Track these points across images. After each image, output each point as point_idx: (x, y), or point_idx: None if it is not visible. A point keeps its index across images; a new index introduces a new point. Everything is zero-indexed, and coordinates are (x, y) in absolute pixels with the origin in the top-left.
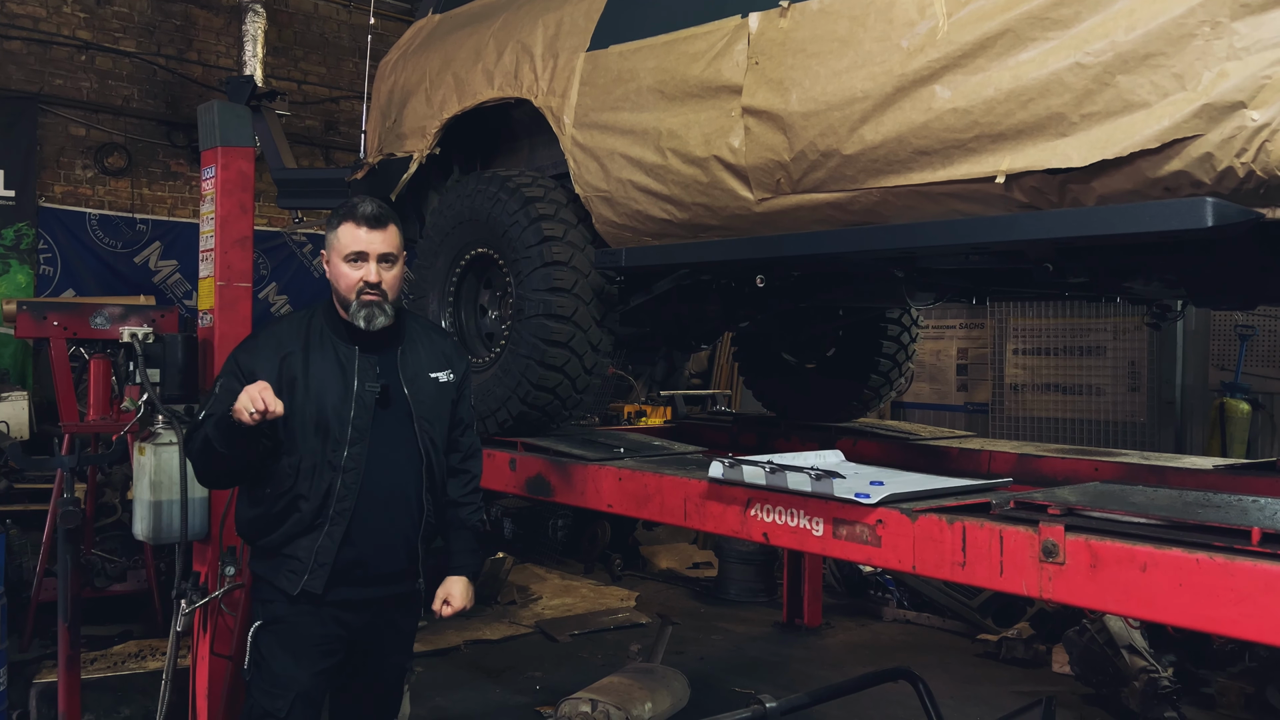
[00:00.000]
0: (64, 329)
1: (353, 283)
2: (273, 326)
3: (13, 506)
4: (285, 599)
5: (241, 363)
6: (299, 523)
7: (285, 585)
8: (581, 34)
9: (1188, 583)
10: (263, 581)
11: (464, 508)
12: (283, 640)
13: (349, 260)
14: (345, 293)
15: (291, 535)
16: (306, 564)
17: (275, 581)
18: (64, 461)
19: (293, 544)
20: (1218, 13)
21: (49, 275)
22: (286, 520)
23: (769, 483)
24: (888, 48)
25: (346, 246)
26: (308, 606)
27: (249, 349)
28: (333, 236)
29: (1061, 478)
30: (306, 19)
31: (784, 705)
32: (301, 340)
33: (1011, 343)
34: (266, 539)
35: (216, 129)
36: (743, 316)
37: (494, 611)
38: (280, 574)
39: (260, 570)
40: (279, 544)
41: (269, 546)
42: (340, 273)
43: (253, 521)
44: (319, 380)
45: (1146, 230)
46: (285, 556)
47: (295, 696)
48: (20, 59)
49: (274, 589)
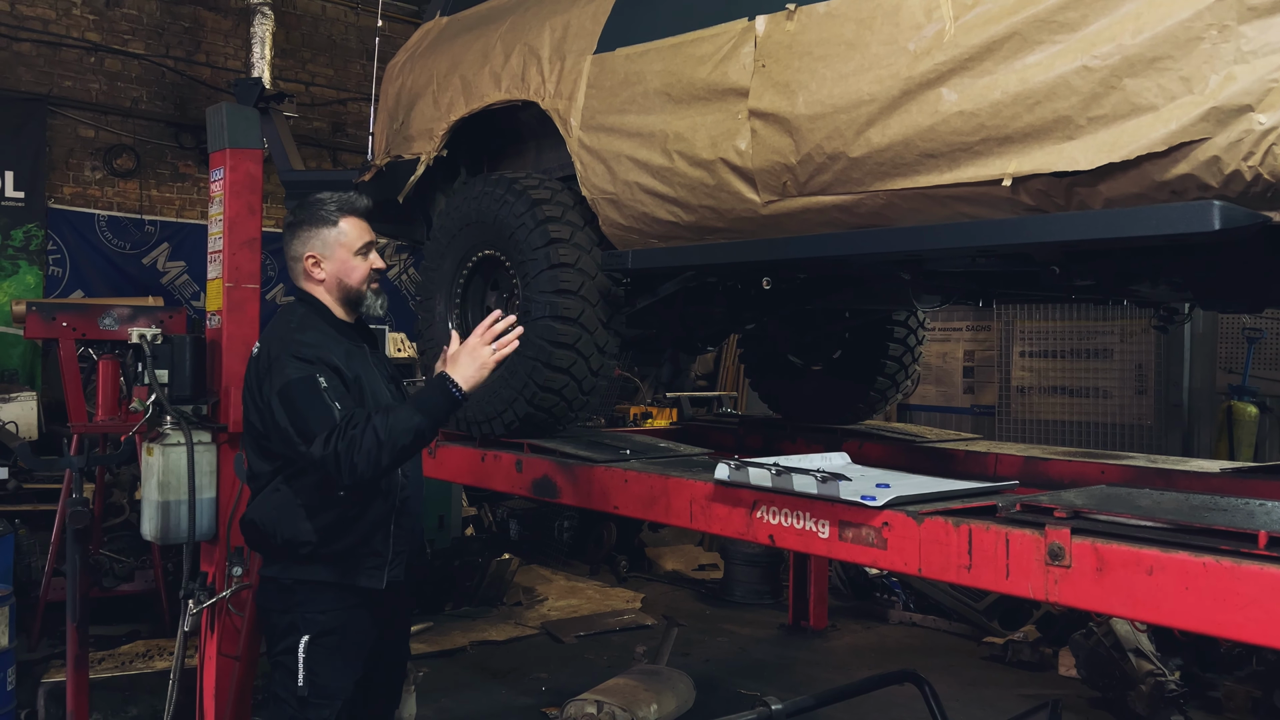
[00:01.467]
0: (73, 330)
1: (365, 274)
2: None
3: (21, 506)
4: (342, 605)
5: (323, 359)
6: (376, 517)
7: (369, 582)
8: (588, 37)
9: (1194, 586)
10: (321, 589)
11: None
12: (332, 650)
13: (360, 253)
14: (359, 284)
15: (370, 531)
16: (386, 555)
17: (355, 582)
18: (72, 462)
19: (370, 540)
20: (1225, 16)
21: (58, 276)
22: (364, 517)
23: (775, 485)
24: (894, 51)
25: (358, 239)
26: (361, 611)
27: (315, 344)
28: (334, 232)
29: (1068, 481)
30: (314, 21)
31: (789, 707)
32: (334, 338)
33: (1018, 345)
34: (340, 541)
35: (225, 131)
36: (749, 318)
37: (500, 613)
38: (360, 573)
39: (324, 576)
40: (356, 543)
41: (343, 548)
42: (352, 266)
43: (328, 528)
44: (368, 377)
45: (1153, 233)
46: (363, 555)
47: (342, 706)
48: (30, 61)
49: (334, 595)
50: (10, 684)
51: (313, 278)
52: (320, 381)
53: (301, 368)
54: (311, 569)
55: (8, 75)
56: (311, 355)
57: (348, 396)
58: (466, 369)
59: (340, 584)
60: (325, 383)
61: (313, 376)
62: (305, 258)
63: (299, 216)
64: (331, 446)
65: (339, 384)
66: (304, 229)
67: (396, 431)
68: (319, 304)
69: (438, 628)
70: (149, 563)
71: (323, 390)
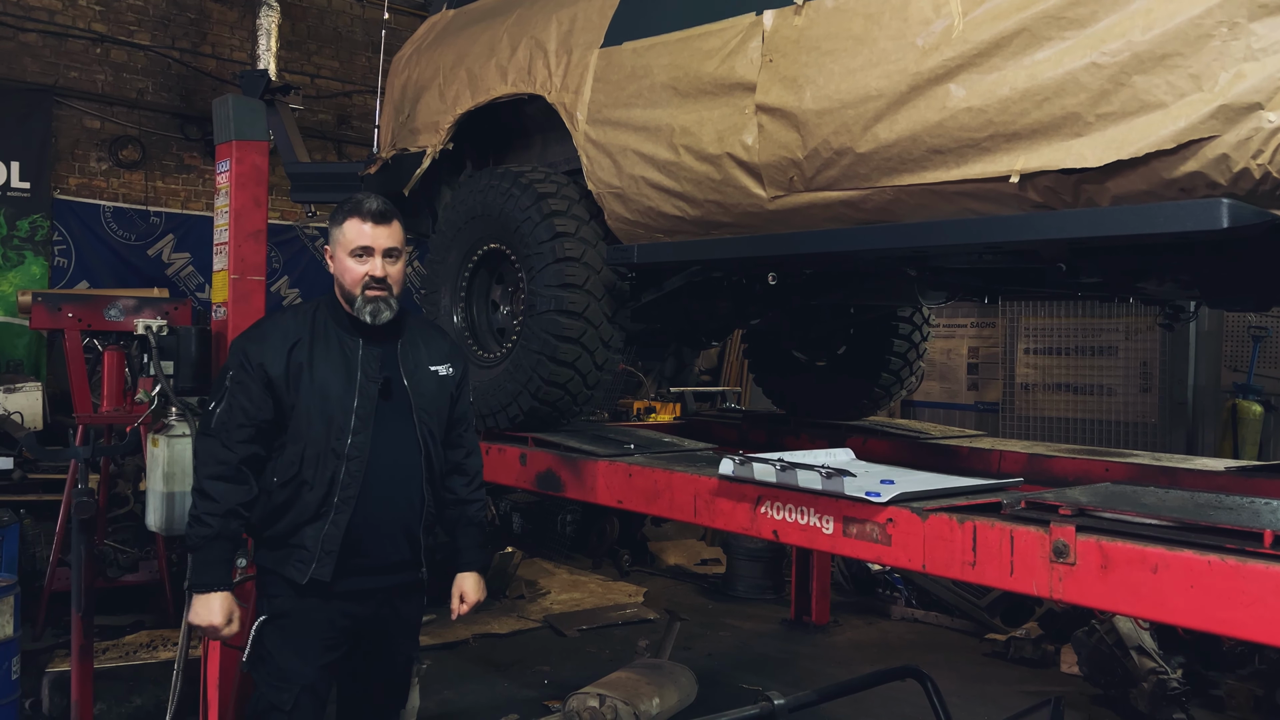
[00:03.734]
0: (78, 321)
1: (358, 277)
2: (277, 317)
3: (26, 496)
4: (291, 592)
5: (250, 354)
6: (304, 510)
7: (293, 575)
8: (595, 30)
9: (1199, 584)
10: (268, 574)
11: (470, 504)
12: (287, 634)
13: (354, 255)
14: (351, 287)
15: (297, 524)
16: (314, 552)
17: (282, 572)
18: (78, 452)
19: (299, 533)
20: (1235, 14)
21: (63, 267)
22: (292, 508)
23: (779, 480)
24: (903, 46)
25: (352, 241)
26: (314, 600)
27: (255, 338)
28: (338, 231)
29: (1072, 478)
30: (320, 13)
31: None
32: (308, 331)
33: (1023, 342)
34: (272, 529)
35: (231, 123)
36: (754, 314)
37: (502, 606)
38: (288, 564)
39: (266, 562)
40: (285, 534)
41: (275, 537)
42: (345, 267)
43: (263, 516)
44: (324, 370)
45: (1161, 231)
46: (292, 546)
47: (301, 690)
48: (36, 51)
49: (280, 582)
50: (15, 673)
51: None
52: (228, 375)
53: (231, 356)
54: (260, 554)
55: (13, 66)
56: (241, 344)
57: (252, 392)
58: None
59: (277, 572)
60: (229, 379)
61: (225, 368)
62: (325, 249)
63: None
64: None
65: (248, 379)
66: (330, 222)
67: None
68: (332, 295)
69: (440, 620)
70: (153, 553)
71: (225, 385)
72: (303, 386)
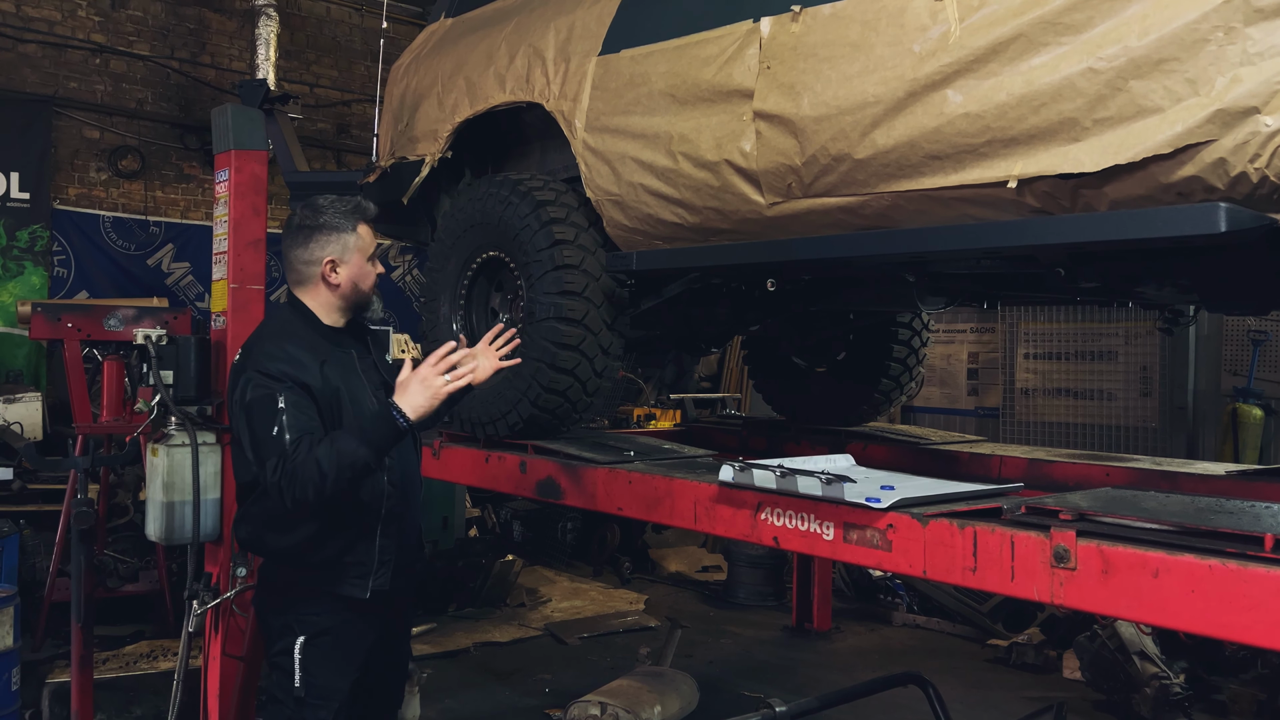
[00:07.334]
0: (78, 330)
1: (374, 280)
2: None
3: (26, 507)
4: (334, 609)
5: (289, 375)
6: (360, 527)
7: (352, 591)
8: (593, 38)
9: (1200, 589)
10: (311, 596)
11: None
12: (328, 652)
13: (371, 259)
14: (369, 290)
15: (353, 541)
16: (371, 565)
17: (338, 590)
18: (77, 462)
19: (353, 550)
20: (1232, 18)
21: (63, 277)
22: (343, 527)
23: (779, 487)
24: (900, 52)
25: (370, 246)
26: (354, 615)
27: (280, 359)
28: (354, 238)
29: (1073, 483)
30: (319, 23)
31: (793, 709)
32: (315, 346)
33: (1022, 347)
34: (323, 552)
35: (230, 132)
36: (753, 320)
37: (503, 614)
38: (344, 581)
39: (313, 583)
40: (339, 553)
41: (326, 558)
42: (365, 272)
43: (311, 538)
44: (352, 385)
45: (1159, 236)
46: (347, 564)
47: (339, 706)
48: (35, 62)
49: (324, 600)
50: (15, 684)
51: (328, 281)
52: (279, 402)
53: (263, 385)
54: (301, 574)
55: (13, 76)
56: (277, 371)
57: (312, 414)
58: (416, 398)
59: (326, 591)
60: (284, 403)
61: (273, 395)
62: (324, 262)
63: (314, 220)
64: (276, 476)
65: (305, 401)
66: (322, 233)
67: (339, 465)
68: (305, 310)
69: (441, 629)
70: (153, 563)
71: (279, 412)
72: (344, 404)
